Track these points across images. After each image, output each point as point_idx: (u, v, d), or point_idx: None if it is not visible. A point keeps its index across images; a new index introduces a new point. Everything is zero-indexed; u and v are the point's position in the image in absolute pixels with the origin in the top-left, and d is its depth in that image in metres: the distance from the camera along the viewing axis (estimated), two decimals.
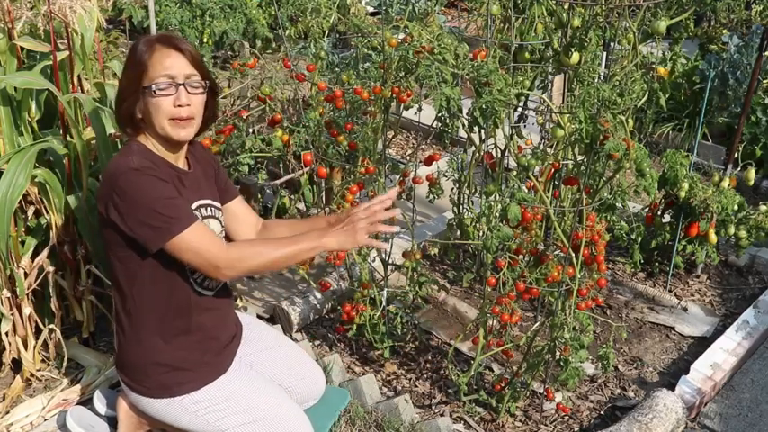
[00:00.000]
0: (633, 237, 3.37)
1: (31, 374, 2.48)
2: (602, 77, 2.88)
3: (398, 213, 1.89)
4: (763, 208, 3.34)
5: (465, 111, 2.57)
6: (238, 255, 1.75)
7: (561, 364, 2.30)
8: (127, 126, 1.80)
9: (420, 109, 2.66)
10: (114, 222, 1.73)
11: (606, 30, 2.65)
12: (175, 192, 1.75)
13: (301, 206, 3.46)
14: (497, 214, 2.12)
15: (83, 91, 2.53)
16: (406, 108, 2.58)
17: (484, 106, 2.14)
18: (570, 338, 2.24)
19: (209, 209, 1.91)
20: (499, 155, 3.01)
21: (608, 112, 2.01)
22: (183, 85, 1.74)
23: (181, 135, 1.78)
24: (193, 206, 1.85)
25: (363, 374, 2.68)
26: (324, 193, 3.38)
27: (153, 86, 1.72)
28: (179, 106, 1.74)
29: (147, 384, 1.86)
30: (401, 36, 2.46)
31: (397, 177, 2.75)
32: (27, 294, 2.39)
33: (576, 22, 2.73)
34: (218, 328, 1.94)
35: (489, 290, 2.32)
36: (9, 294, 2.37)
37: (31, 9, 2.40)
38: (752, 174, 3.53)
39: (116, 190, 1.69)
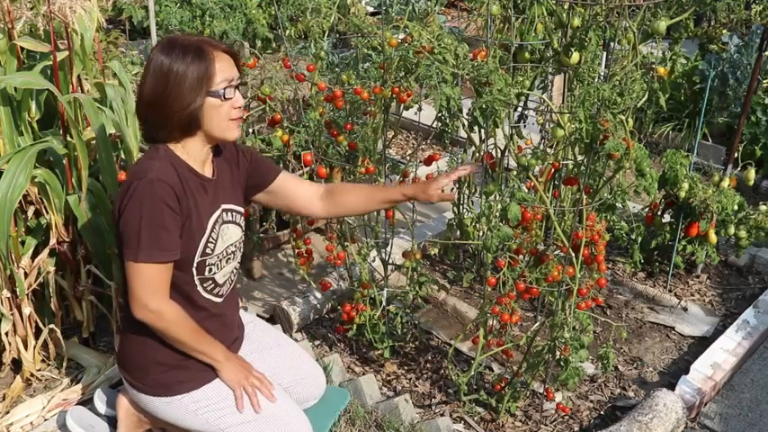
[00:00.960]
0: (633, 237, 3.37)
1: (31, 374, 2.48)
2: (602, 77, 2.88)
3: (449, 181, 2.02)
4: (763, 208, 3.34)
5: (465, 111, 2.57)
6: (168, 315, 1.75)
7: (561, 363, 2.30)
8: (180, 133, 1.78)
9: (420, 109, 2.66)
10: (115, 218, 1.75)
11: (606, 29, 2.65)
12: (172, 221, 1.73)
13: None
14: (497, 214, 2.12)
15: (83, 91, 2.53)
16: (406, 108, 2.57)
17: (484, 106, 2.14)
18: (570, 338, 2.24)
19: (230, 214, 1.91)
20: (499, 155, 3.01)
21: (608, 111, 2.01)
22: (237, 87, 1.80)
23: (236, 135, 1.83)
24: (214, 215, 1.85)
25: (363, 374, 2.68)
26: None
27: (221, 92, 1.74)
28: (237, 108, 1.79)
29: (148, 382, 1.86)
30: (401, 36, 2.46)
31: (397, 177, 2.75)
32: (27, 294, 2.39)
33: (576, 21, 2.73)
34: (222, 332, 1.94)
35: (489, 290, 2.32)
36: (9, 294, 2.37)
37: (31, 9, 2.40)
38: (752, 174, 3.53)
39: (129, 190, 1.71)
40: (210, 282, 1.88)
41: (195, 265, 1.81)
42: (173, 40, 1.75)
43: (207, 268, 1.85)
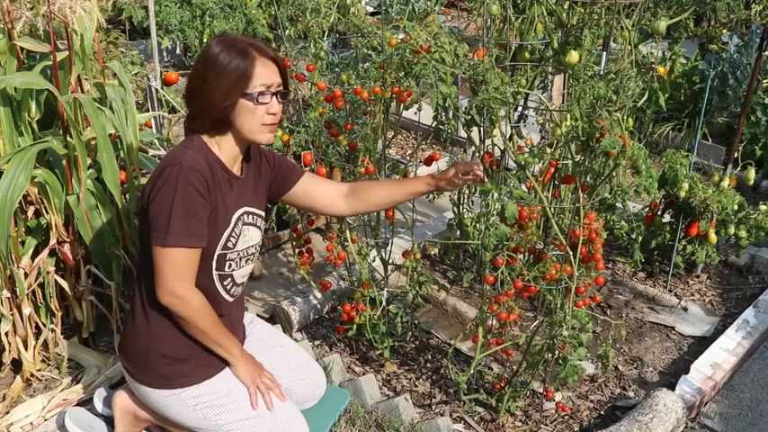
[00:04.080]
0: (633, 236, 3.37)
1: (31, 374, 2.48)
2: (598, 75, 2.87)
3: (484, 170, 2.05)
4: (763, 207, 3.34)
5: (463, 110, 2.56)
6: (194, 303, 1.77)
7: (560, 362, 2.31)
8: (212, 128, 1.81)
9: (420, 109, 2.66)
10: (144, 206, 1.77)
11: (601, 27, 2.64)
12: (203, 208, 1.75)
13: None
14: (495, 213, 2.12)
15: (83, 91, 2.53)
16: (406, 108, 2.58)
17: (480, 104, 2.14)
18: (569, 336, 2.24)
19: (251, 216, 1.93)
20: (498, 154, 3.01)
21: (603, 109, 2.01)
22: (275, 94, 1.80)
23: (268, 139, 1.84)
24: (237, 212, 1.87)
25: (363, 374, 2.68)
26: None
27: (255, 94, 1.76)
28: (272, 114, 1.80)
29: (149, 373, 1.87)
30: (401, 36, 2.46)
31: (398, 177, 2.75)
32: (27, 294, 2.39)
33: (575, 20, 2.73)
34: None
35: (488, 288, 2.32)
36: (9, 294, 2.37)
37: (31, 9, 2.40)
38: (752, 173, 3.53)
39: (162, 176, 1.73)
40: (229, 279, 1.90)
41: (216, 257, 1.83)
42: (226, 37, 1.79)
43: (227, 263, 1.87)
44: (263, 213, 1.99)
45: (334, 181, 2.28)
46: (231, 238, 1.85)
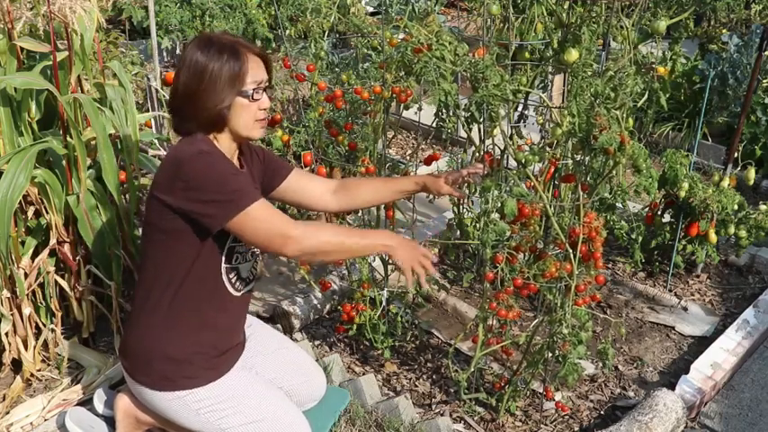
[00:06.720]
0: (633, 236, 3.37)
1: (32, 375, 2.48)
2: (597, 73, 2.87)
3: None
4: (763, 207, 3.34)
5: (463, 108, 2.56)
6: (314, 228, 1.79)
7: (560, 360, 2.31)
8: (208, 127, 1.82)
9: (420, 109, 2.66)
10: (175, 208, 1.74)
11: (599, 25, 2.64)
12: (239, 170, 1.82)
13: None
14: (494, 210, 2.12)
15: (83, 91, 2.53)
16: (406, 108, 2.58)
17: (479, 101, 2.14)
18: (568, 334, 2.24)
19: None
20: (498, 153, 3.01)
21: (602, 106, 2.01)
22: (265, 89, 1.84)
23: (261, 135, 1.88)
24: None
25: (363, 374, 2.68)
26: None
27: (250, 91, 1.78)
28: (263, 109, 1.84)
29: (151, 375, 1.86)
30: (401, 36, 2.46)
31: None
32: (27, 294, 2.39)
33: (575, 20, 2.72)
34: (231, 331, 1.94)
35: (488, 285, 2.32)
36: (9, 294, 2.37)
37: (31, 9, 2.40)
38: (752, 173, 3.53)
39: (181, 174, 1.72)
40: (234, 273, 1.89)
41: (226, 249, 1.84)
42: (209, 38, 1.79)
43: (235, 256, 1.87)
44: None
45: (322, 177, 2.29)
46: None
